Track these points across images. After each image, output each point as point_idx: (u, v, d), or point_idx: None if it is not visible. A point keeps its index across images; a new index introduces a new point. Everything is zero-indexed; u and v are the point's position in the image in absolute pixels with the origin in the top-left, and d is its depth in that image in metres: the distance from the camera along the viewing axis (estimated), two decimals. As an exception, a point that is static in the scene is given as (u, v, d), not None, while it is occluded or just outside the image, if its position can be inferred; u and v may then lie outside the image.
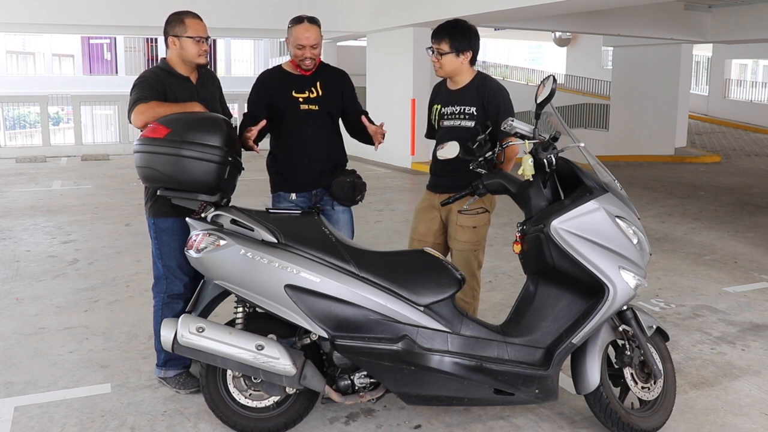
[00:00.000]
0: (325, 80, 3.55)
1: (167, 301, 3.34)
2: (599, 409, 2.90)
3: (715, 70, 24.50)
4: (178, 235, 3.25)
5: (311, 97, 3.50)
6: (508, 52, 39.69)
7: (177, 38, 3.26)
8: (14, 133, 19.88)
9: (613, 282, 2.79)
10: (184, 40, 3.25)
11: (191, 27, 3.26)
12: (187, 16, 3.28)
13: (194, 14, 3.32)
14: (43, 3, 11.54)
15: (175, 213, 3.21)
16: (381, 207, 8.50)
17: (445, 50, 3.45)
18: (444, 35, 3.45)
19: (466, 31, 3.47)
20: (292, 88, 3.49)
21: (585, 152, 2.91)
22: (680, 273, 5.66)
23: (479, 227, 3.50)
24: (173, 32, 3.27)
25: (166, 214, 3.26)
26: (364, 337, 2.73)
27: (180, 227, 3.23)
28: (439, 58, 3.48)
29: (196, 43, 3.26)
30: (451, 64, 3.48)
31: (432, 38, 3.51)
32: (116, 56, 30.36)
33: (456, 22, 3.50)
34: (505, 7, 9.65)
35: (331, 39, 16.00)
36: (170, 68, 3.32)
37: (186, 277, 3.31)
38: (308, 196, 3.57)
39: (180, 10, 3.34)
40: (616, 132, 15.62)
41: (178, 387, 3.36)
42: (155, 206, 3.28)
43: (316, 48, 3.41)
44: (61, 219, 7.69)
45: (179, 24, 3.26)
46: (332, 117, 3.58)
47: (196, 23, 3.28)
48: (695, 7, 13.73)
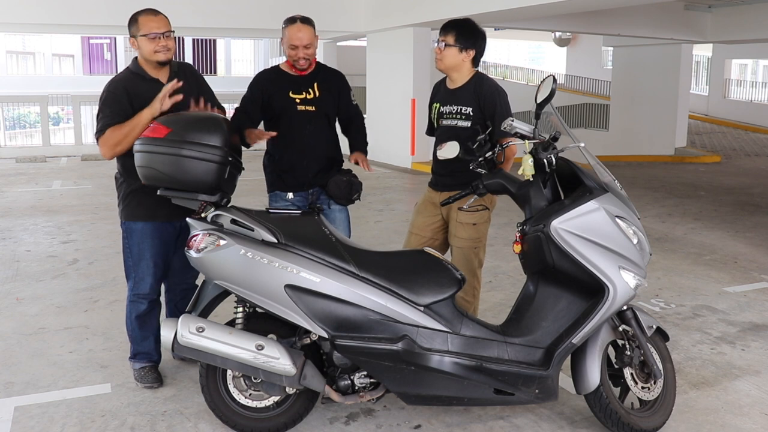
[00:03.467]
0: (322, 81, 3.56)
1: (133, 299, 3.42)
2: (599, 409, 2.90)
3: (715, 70, 24.49)
4: (148, 239, 3.32)
5: (308, 98, 3.51)
6: (508, 52, 39.67)
7: (135, 39, 3.25)
8: (14, 133, 19.88)
9: (613, 282, 2.79)
10: (140, 39, 3.22)
11: (144, 25, 3.21)
12: (142, 14, 3.24)
13: (151, 10, 3.25)
14: (43, 3, 11.54)
15: (145, 217, 3.30)
16: (381, 207, 8.50)
17: (449, 42, 3.47)
18: (451, 29, 3.49)
19: (474, 30, 3.51)
20: (289, 89, 3.50)
21: (585, 152, 2.91)
22: (680, 273, 5.66)
23: (479, 224, 3.51)
24: (131, 33, 3.25)
25: (136, 217, 3.32)
26: (364, 337, 2.73)
27: (150, 231, 3.31)
28: (442, 49, 3.50)
29: (150, 41, 3.19)
30: (452, 58, 3.49)
31: (441, 30, 3.55)
32: (116, 56, 30.36)
33: (467, 20, 3.55)
34: (505, 7, 9.64)
35: (331, 39, 16.00)
36: (139, 70, 3.30)
37: (151, 278, 3.37)
38: (305, 195, 3.59)
39: (139, 10, 3.28)
40: (616, 132, 15.61)
41: (138, 379, 3.45)
42: (126, 209, 3.34)
43: (309, 48, 3.42)
44: (61, 219, 7.69)
45: (134, 24, 3.24)
46: (329, 118, 3.60)
47: (148, 20, 3.22)
48: (695, 7, 13.73)
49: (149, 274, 3.36)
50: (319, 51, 17.17)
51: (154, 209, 3.26)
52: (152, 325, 3.47)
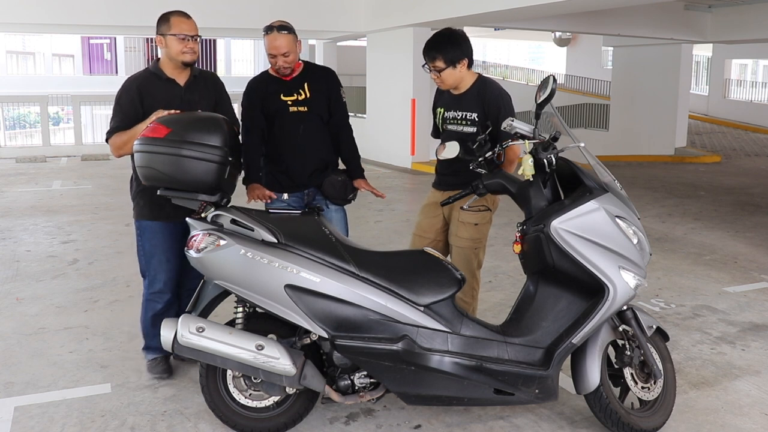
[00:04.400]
0: (312, 81, 3.56)
1: (149, 297, 3.52)
2: (599, 409, 2.90)
3: (715, 70, 24.48)
4: (159, 235, 3.42)
5: (299, 99, 3.51)
6: (508, 52, 39.69)
7: (163, 37, 3.35)
8: (14, 133, 19.87)
9: (613, 282, 2.79)
10: (169, 38, 3.33)
11: (176, 25, 3.33)
12: (174, 15, 3.36)
13: (182, 13, 3.38)
14: (43, 3, 11.53)
15: (153, 217, 3.40)
16: (381, 207, 8.50)
17: (441, 66, 3.44)
18: (435, 53, 3.43)
19: (455, 40, 3.44)
20: (280, 92, 3.51)
21: (585, 152, 2.91)
22: (680, 273, 5.66)
23: (480, 225, 3.51)
24: (160, 31, 3.37)
25: (145, 216, 3.43)
26: (364, 337, 2.73)
27: (159, 230, 3.41)
28: (438, 75, 3.47)
29: (180, 41, 3.32)
30: (451, 77, 3.48)
31: (425, 57, 3.49)
32: (116, 56, 30.35)
33: (442, 35, 3.47)
34: (505, 7, 9.64)
35: (331, 39, 16.01)
36: (158, 70, 3.42)
37: (164, 275, 3.45)
38: (301, 195, 3.60)
39: (171, 10, 3.41)
40: (616, 132, 15.61)
41: (148, 370, 3.56)
42: (137, 208, 3.46)
43: (288, 56, 3.41)
44: (61, 219, 7.69)
45: (165, 22, 3.35)
46: (322, 118, 3.60)
47: (181, 21, 3.35)
48: (695, 7, 13.72)
49: (161, 270, 3.44)
50: (319, 51, 17.21)
51: (162, 209, 3.33)
52: None
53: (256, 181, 3.53)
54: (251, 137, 3.52)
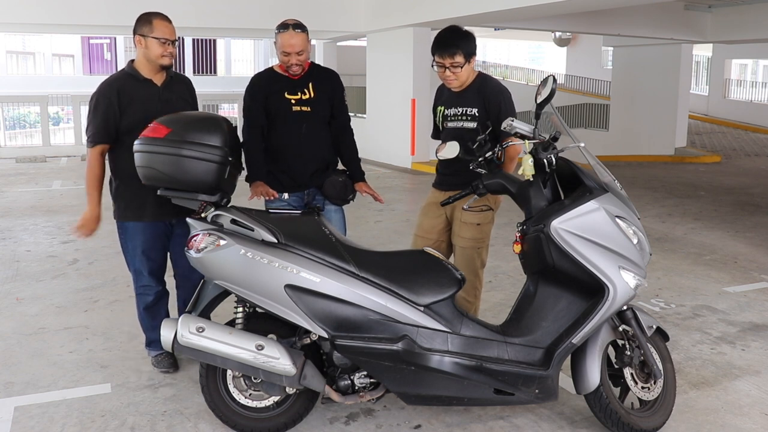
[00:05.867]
0: (317, 81, 3.56)
1: (139, 291, 3.58)
2: (599, 409, 2.90)
3: (715, 70, 24.48)
4: (138, 235, 3.45)
5: (303, 99, 3.51)
6: (508, 52, 39.69)
7: (143, 37, 3.34)
8: (14, 133, 19.88)
9: (613, 282, 2.79)
10: (150, 39, 3.32)
11: (158, 28, 3.33)
12: (156, 17, 3.35)
13: (164, 16, 3.38)
14: (43, 3, 11.54)
15: (132, 218, 3.43)
16: (381, 207, 8.49)
17: (460, 62, 3.39)
18: (455, 48, 3.36)
19: (466, 34, 3.45)
20: (284, 90, 3.51)
21: (585, 152, 2.91)
22: (680, 273, 5.66)
23: (483, 225, 3.51)
24: (140, 31, 3.35)
25: (126, 218, 3.46)
26: (364, 337, 2.73)
27: (140, 228, 3.44)
28: (456, 71, 3.42)
29: (160, 45, 3.33)
30: (466, 73, 3.47)
31: (441, 53, 3.40)
32: (116, 56, 30.34)
33: (453, 31, 3.45)
34: (505, 7, 9.64)
35: (331, 39, 16.01)
36: (134, 71, 3.42)
37: (147, 272, 3.51)
38: (301, 195, 3.60)
39: (151, 11, 3.40)
40: (616, 132, 15.61)
41: (155, 365, 3.62)
42: (117, 210, 3.49)
43: (301, 54, 3.42)
44: (61, 219, 7.69)
45: (147, 24, 3.34)
46: (324, 118, 3.60)
47: (163, 25, 3.34)
48: (695, 7, 13.73)
49: (144, 268, 3.51)
50: (319, 51, 17.21)
51: (140, 210, 3.39)
52: (161, 315, 3.60)
53: (261, 178, 3.53)
54: (252, 134, 3.51)
